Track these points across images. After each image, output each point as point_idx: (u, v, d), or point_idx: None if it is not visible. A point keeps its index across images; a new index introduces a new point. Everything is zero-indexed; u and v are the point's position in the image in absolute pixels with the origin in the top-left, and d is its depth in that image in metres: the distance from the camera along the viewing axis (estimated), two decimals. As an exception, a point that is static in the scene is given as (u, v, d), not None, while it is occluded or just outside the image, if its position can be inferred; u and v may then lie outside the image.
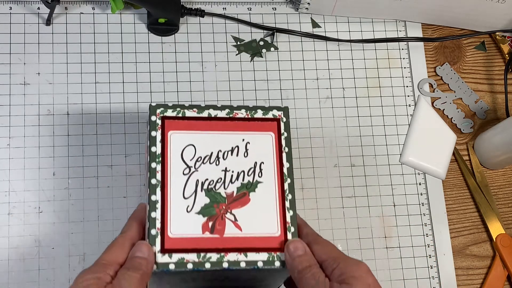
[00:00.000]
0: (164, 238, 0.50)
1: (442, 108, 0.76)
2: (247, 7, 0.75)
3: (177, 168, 0.53)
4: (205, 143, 0.54)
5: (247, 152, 0.54)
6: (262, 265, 0.51)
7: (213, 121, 0.55)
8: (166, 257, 0.50)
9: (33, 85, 0.68)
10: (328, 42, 0.76)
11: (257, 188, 0.53)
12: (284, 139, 0.55)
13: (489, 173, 0.75)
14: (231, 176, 0.53)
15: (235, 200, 0.53)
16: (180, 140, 0.54)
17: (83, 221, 0.65)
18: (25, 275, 0.63)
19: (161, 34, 0.72)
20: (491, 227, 0.72)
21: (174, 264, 0.50)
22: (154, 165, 0.52)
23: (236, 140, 0.54)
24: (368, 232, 0.70)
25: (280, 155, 0.55)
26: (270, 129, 0.55)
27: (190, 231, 0.51)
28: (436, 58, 0.78)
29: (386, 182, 0.72)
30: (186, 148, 0.53)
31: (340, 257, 0.49)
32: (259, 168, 0.54)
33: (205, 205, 0.52)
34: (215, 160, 0.53)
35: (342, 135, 0.72)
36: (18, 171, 0.65)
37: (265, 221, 0.53)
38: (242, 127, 0.55)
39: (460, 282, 0.70)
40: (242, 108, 0.55)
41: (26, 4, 0.71)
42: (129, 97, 0.69)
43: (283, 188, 0.54)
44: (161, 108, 0.54)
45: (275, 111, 0.56)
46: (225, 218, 0.52)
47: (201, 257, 0.50)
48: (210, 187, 0.53)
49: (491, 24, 0.78)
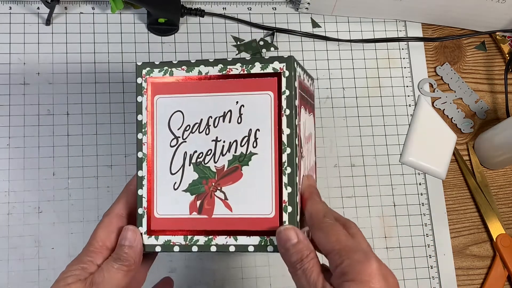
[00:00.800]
0: (151, 219, 0.47)
1: (442, 108, 0.76)
2: (247, 7, 0.75)
3: (164, 139, 0.48)
4: (194, 108, 0.48)
5: (241, 118, 0.47)
6: (253, 249, 0.46)
7: (204, 80, 0.48)
8: (153, 239, 0.47)
9: (33, 85, 0.68)
10: (328, 42, 0.76)
11: (250, 161, 0.47)
12: (285, 99, 0.46)
13: (489, 173, 0.75)
14: (222, 147, 0.47)
15: (226, 175, 0.47)
16: (167, 106, 0.48)
17: (83, 221, 0.65)
18: (25, 275, 0.63)
19: (161, 34, 0.72)
20: (491, 227, 0.72)
21: (161, 247, 0.47)
22: (140, 136, 0.48)
23: (229, 103, 0.47)
24: (368, 232, 0.70)
25: (279, 120, 0.46)
26: (269, 87, 0.47)
27: (177, 211, 0.47)
28: (436, 58, 0.78)
29: (386, 182, 0.72)
30: (174, 115, 0.48)
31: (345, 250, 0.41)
32: (254, 136, 0.47)
33: (193, 182, 0.47)
34: (205, 129, 0.47)
35: (342, 135, 0.72)
36: (18, 171, 0.65)
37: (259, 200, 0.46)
38: (237, 87, 0.47)
39: (460, 282, 0.70)
40: (237, 62, 0.48)
41: (26, 4, 0.71)
42: (129, 97, 0.69)
43: (281, 160, 0.46)
44: (147, 68, 0.48)
45: (276, 63, 0.47)
46: (214, 197, 0.47)
47: (188, 240, 0.47)
48: (198, 161, 0.47)
49: (491, 24, 0.78)
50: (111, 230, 0.47)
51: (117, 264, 0.45)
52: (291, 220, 0.45)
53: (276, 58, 0.47)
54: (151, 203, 0.47)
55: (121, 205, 0.49)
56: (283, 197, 0.46)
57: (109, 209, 0.49)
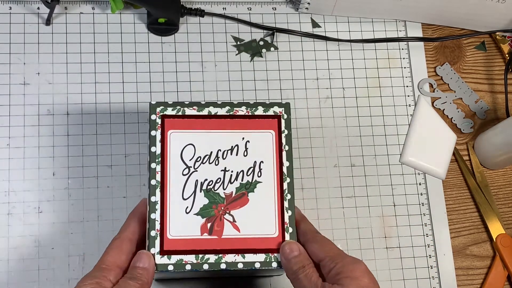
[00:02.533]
0: (164, 240, 0.51)
1: (442, 108, 0.76)
2: (247, 7, 0.75)
3: (176, 169, 0.52)
4: (205, 142, 0.54)
5: (247, 151, 0.54)
6: (259, 266, 0.52)
7: (213, 119, 0.54)
8: (165, 258, 0.50)
9: (33, 85, 0.68)
10: (328, 42, 0.76)
11: (256, 188, 0.53)
12: (284, 137, 0.55)
13: (489, 173, 0.75)
14: (230, 176, 0.53)
15: (234, 200, 0.53)
16: (180, 140, 0.53)
17: (83, 221, 0.65)
18: (25, 275, 0.63)
19: (161, 34, 0.72)
20: (491, 227, 0.72)
21: (173, 265, 0.50)
22: (154, 166, 0.52)
23: (236, 138, 0.54)
24: (368, 232, 0.70)
25: (280, 154, 0.55)
26: (271, 127, 0.55)
27: (189, 232, 0.51)
28: (436, 58, 0.78)
29: (386, 182, 0.72)
30: (186, 148, 0.53)
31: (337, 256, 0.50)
32: (259, 167, 0.54)
33: (204, 206, 0.52)
34: (215, 160, 0.53)
35: (342, 135, 0.72)
36: (18, 171, 0.65)
37: (263, 222, 0.53)
38: (243, 125, 0.54)
39: (460, 282, 0.70)
40: (242, 105, 0.55)
41: (26, 4, 0.71)
42: (129, 97, 0.69)
43: (282, 187, 0.54)
44: (161, 107, 0.54)
45: (276, 107, 0.56)
46: (224, 219, 0.52)
47: (199, 259, 0.51)
48: (209, 188, 0.53)
49: (491, 24, 0.78)
50: (122, 251, 0.51)
51: (132, 282, 0.48)
52: (292, 238, 0.53)
53: (276, 103, 0.56)
54: (164, 225, 0.51)
55: (131, 229, 0.52)
56: (285, 219, 0.53)
57: (119, 232, 0.52)
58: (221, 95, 0.71)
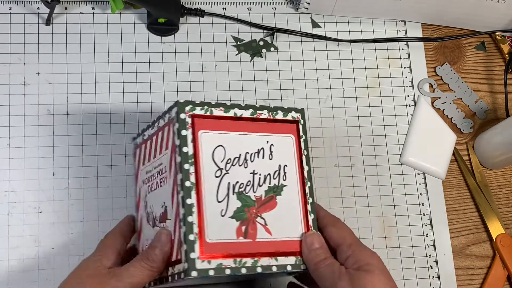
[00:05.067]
0: (203, 244, 0.49)
1: (442, 108, 0.76)
2: (247, 7, 0.75)
3: (209, 170, 0.51)
4: (234, 145, 0.52)
5: (271, 155, 0.53)
6: (291, 268, 0.51)
7: (239, 121, 0.53)
8: (206, 263, 0.48)
9: (33, 85, 0.68)
10: (328, 42, 0.76)
11: (282, 191, 0.53)
12: (303, 142, 0.55)
13: (489, 173, 0.75)
14: (259, 179, 0.52)
15: (264, 203, 0.52)
16: (211, 141, 0.52)
17: (83, 221, 0.65)
18: (25, 275, 0.63)
19: (161, 34, 0.72)
20: (491, 227, 0.72)
21: (214, 270, 0.49)
22: (188, 167, 0.50)
23: (261, 141, 0.53)
24: (368, 232, 0.70)
25: (300, 158, 0.54)
26: (291, 131, 0.55)
27: (225, 236, 0.50)
28: (436, 58, 0.78)
29: (386, 182, 0.72)
30: (216, 149, 0.52)
31: (354, 244, 0.50)
32: (283, 171, 0.53)
33: (237, 209, 0.51)
34: (243, 163, 0.52)
35: (342, 135, 0.72)
36: (18, 171, 0.65)
37: (291, 225, 0.52)
38: (266, 129, 0.54)
39: (460, 282, 0.70)
40: (264, 109, 0.54)
41: (26, 4, 0.71)
42: (129, 97, 0.69)
43: (305, 191, 0.54)
44: (189, 106, 0.52)
45: (293, 112, 0.55)
46: (256, 222, 0.51)
47: (237, 262, 0.49)
48: (240, 190, 0.51)
49: (491, 24, 0.78)
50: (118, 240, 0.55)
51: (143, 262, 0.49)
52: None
53: (293, 109, 0.56)
54: (202, 229, 0.49)
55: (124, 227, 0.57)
56: (309, 222, 0.53)
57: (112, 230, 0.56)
58: (221, 95, 0.71)
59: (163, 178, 0.53)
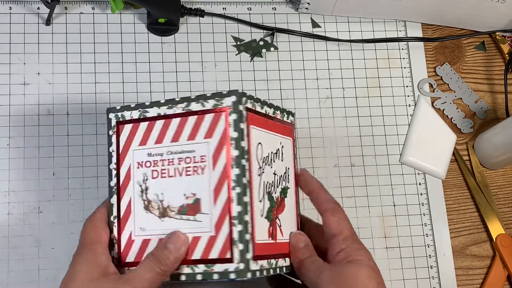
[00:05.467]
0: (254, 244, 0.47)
1: (442, 108, 0.76)
2: (247, 7, 0.75)
3: (255, 168, 0.48)
4: (266, 143, 0.50)
5: (282, 156, 0.52)
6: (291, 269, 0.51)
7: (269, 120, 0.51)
8: (255, 264, 0.47)
9: (33, 85, 0.68)
10: (328, 42, 0.76)
11: (287, 193, 0.52)
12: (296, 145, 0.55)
13: (489, 173, 0.75)
14: (277, 180, 0.51)
15: (279, 205, 0.51)
16: (255, 137, 0.49)
17: (83, 221, 0.64)
18: (25, 275, 0.63)
19: (161, 34, 0.72)
20: (491, 227, 0.72)
21: (259, 272, 0.47)
22: (244, 162, 0.47)
23: (278, 142, 0.52)
24: (368, 232, 0.70)
25: (295, 161, 0.54)
26: (289, 134, 0.54)
27: (264, 236, 0.48)
28: (436, 58, 0.78)
29: (386, 182, 0.72)
30: (258, 146, 0.49)
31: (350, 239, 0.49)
32: (288, 173, 0.53)
33: (268, 209, 0.49)
34: (270, 162, 0.50)
35: (342, 135, 0.72)
36: (18, 171, 0.65)
37: (292, 227, 0.52)
38: (279, 130, 0.53)
39: (460, 282, 0.70)
40: (278, 109, 0.53)
41: (26, 4, 0.71)
42: (129, 97, 0.69)
43: (298, 194, 0.54)
44: (244, 98, 0.48)
45: (291, 116, 0.55)
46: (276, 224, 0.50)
47: (269, 264, 0.48)
48: (269, 191, 0.50)
49: (491, 24, 0.78)
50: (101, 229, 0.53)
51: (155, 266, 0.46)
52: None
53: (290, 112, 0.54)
54: (254, 228, 0.47)
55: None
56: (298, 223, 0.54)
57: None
58: (221, 95, 0.71)
59: (195, 168, 0.48)
